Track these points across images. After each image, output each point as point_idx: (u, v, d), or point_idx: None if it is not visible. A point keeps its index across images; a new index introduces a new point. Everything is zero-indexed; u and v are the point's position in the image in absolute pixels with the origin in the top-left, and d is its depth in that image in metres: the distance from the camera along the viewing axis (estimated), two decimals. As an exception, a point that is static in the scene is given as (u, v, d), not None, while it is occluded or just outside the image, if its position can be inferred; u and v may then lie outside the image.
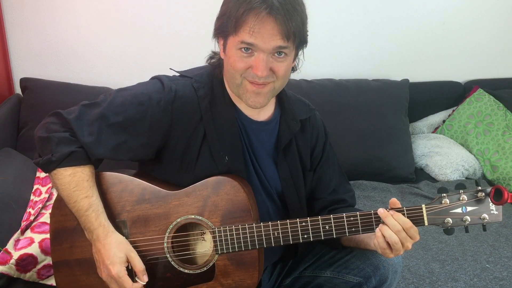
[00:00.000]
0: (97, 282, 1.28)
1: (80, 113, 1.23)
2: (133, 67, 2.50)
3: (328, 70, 2.69)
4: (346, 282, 1.38)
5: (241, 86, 1.22)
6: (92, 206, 1.21)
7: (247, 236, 1.23)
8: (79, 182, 1.21)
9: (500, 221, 1.20)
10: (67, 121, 1.22)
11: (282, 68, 1.20)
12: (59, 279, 1.33)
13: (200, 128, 1.26)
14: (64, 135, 1.21)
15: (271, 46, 1.15)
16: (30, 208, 1.80)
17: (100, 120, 1.22)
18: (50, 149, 1.21)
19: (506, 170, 2.46)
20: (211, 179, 1.26)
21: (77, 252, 1.30)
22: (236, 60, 1.18)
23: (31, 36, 2.39)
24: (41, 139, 1.23)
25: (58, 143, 1.21)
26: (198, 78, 1.28)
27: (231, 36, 1.17)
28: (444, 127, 2.76)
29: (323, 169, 1.43)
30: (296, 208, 1.37)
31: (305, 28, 1.24)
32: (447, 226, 1.21)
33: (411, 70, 2.78)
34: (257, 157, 1.33)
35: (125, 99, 1.24)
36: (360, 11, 2.67)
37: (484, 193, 1.19)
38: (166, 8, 2.43)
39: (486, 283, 1.72)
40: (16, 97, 2.33)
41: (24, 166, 2.03)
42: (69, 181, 1.21)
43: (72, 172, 1.21)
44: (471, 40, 2.83)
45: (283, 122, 1.34)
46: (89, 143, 1.21)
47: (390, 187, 2.38)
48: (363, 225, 1.21)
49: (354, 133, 2.49)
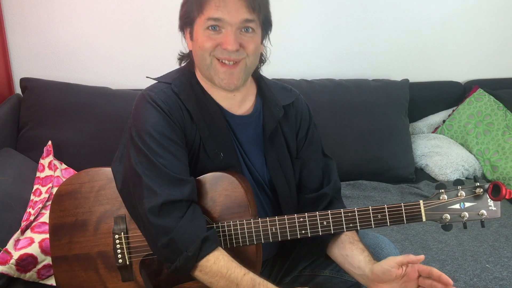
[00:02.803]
0: (95, 278, 1.29)
1: (149, 193, 1.17)
2: (133, 67, 2.50)
3: (328, 70, 2.69)
4: (345, 281, 1.38)
5: (211, 66, 1.22)
6: (255, 280, 1.15)
7: (245, 231, 1.23)
8: (227, 264, 1.16)
9: (499, 217, 1.20)
10: (158, 204, 1.16)
11: (251, 44, 1.21)
12: (58, 274, 1.34)
13: (194, 129, 1.26)
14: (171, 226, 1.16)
15: (238, 19, 1.17)
16: (30, 208, 1.80)
17: (158, 173, 1.18)
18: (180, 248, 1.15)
19: (506, 170, 2.46)
20: (209, 175, 1.26)
21: (76, 247, 1.31)
22: (204, 40, 1.20)
23: (31, 36, 2.39)
24: (163, 245, 1.17)
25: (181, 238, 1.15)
26: (176, 82, 1.28)
27: (197, 17, 1.19)
28: (444, 127, 2.76)
29: (308, 154, 1.40)
30: (286, 197, 1.36)
31: (269, 7, 1.25)
32: (445, 222, 1.21)
33: (411, 70, 2.78)
34: (245, 150, 1.33)
35: (152, 139, 1.20)
36: (360, 11, 2.66)
37: (482, 189, 1.19)
38: (166, 8, 2.43)
39: (486, 283, 1.72)
40: (16, 97, 2.33)
41: (24, 166, 2.03)
42: (218, 269, 1.15)
43: (214, 259, 1.16)
44: (471, 40, 2.83)
45: (266, 111, 1.33)
46: (177, 190, 1.17)
47: (390, 187, 2.38)
48: (361, 220, 1.22)
49: (354, 133, 2.49)
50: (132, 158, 1.21)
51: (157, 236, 1.17)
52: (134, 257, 1.30)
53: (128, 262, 1.27)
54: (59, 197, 1.32)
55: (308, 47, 2.65)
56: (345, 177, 2.37)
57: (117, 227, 1.29)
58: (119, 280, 1.31)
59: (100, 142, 2.22)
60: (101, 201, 1.32)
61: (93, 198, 1.32)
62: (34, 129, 2.23)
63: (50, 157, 2.03)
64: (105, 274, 1.32)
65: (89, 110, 2.26)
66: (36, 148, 2.14)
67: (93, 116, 2.26)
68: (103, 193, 1.31)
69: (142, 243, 1.27)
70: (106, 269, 1.31)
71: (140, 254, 1.29)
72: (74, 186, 1.34)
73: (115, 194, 1.29)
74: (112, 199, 1.29)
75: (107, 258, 1.31)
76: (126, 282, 1.31)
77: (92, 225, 1.32)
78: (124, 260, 1.29)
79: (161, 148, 1.19)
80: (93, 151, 2.21)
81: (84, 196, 1.33)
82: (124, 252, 1.29)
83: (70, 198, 1.33)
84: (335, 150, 1.49)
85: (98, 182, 1.29)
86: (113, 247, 1.30)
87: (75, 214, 1.32)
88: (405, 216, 1.21)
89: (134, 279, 1.30)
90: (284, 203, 1.36)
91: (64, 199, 1.33)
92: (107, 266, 1.31)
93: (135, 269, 1.30)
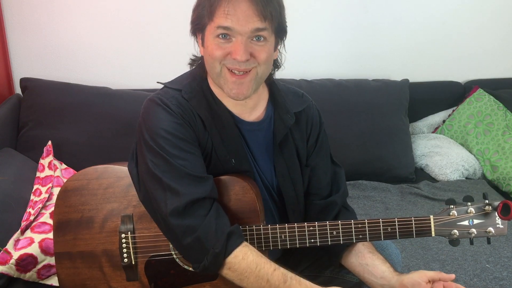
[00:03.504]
0: (99, 275, 1.29)
1: (172, 195, 1.16)
2: (133, 67, 2.50)
3: (328, 70, 2.69)
4: (346, 281, 1.38)
5: (221, 75, 1.19)
6: (286, 275, 1.13)
7: (254, 237, 1.22)
8: (256, 259, 1.14)
9: (505, 234, 1.20)
10: (182, 205, 1.15)
11: (262, 53, 1.16)
12: (61, 270, 1.33)
13: (206, 135, 1.25)
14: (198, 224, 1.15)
15: (248, 28, 1.13)
16: (30, 208, 1.79)
17: (178, 174, 1.17)
18: (207, 246, 1.14)
19: (506, 170, 2.46)
20: (220, 178, 1.25)
21: (81, 244, 1.31)
22: (214, 48, 1.16)
23: (31, 36, 2.39)
24: (189, 245, 1.16)
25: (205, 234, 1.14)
26: (187, 89, 1.26)
27: (208, 25, 1.16)
28: (444, 127, 2.76)
29: (317, 161, 1.39)
30: (293, 204, 1.35)
31: (283, 14, 1.20)
32: (453, 238, 1.22)
33: (411, 70, 2.78)
34: (254, 156, 1.32)
35: (167, 141, 1.19)
36: (361, 11, 2.67)
37: (491, 207, 1.19)
38: (166, 8, 2.43)
39: (486, 283, 1.72)
40: (16, 97, 2.33)
41: (24, 166, 2.03)
42: (247, 265, 1.14)
43: (243, 255, 1.15)
44: (471, 40, 2.83)
45: (277, 118, 1.31)
46: (200, 188, 1.17)
47: (390, 187, 2.38)
48: (370, 232, 1.22)
49: (354, 133, 2.49)
50: (149, 162, 1.19)
51: (182, 236, 1.15)
52: (140, 257, 1.30)
53: (133, 262, 1.27)
54: (65, 192, 1.31)
55: (308, 47, 2.65)
56: (345, 177, 2.36)
57: (124, 227, 1.29)
58: (124, 279, 1.31)
59: (100, 142, 2.22)
60: (108, 199, 1.31)
61: (100, 196, 1.32)
62: (34, 129, 2.23)
63: (50, 157, 2.03)
64: (109, 272, 1.31)
65: (89, 110, 2.26)
66: (36, 148, 2.14)
67: (93, 116, 2.26)
68: (111, 191, 1.30)
69: (149, 243, 1.27)
70: (111, 268, 1.31)
71: (146, 255, 1.29)
72: (81, 182, 1.33)
73: (123, 192, 1.29)
74: (120, 197, 1.29)
75: (112, 256, 1.31)
76: (131, 282, 1.31)
77: (98, 223, 1.31)
78: (129, 260, 1.29)
79: (177, 149, 1.18)
80: (93, 151, 2.21)
81: (91, 193, 1.32)
82: (130, 251, 1.29)
83: (76, 195, 1.33)
84: (335, 150, 1.49)
85: (107, 179, 1.29)
86: (119, 246, 1.29)
87: (81, 210, 1.32)
88: (415, 230, 1.21)
89: (138, 279, 1.30)
90: (291, 210, 1.35)
91: (70, 195, 1.33)
92: (112, 264, 1.31)
93: (140, 269, 1.30)
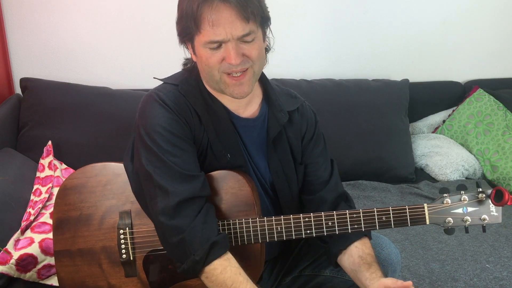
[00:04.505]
0: (98, 272, 1.30)
1: (162, 193, 1.18)
2: (133, 67, 2.50)
3: (328, 70, 2.69)
4: (345, 281, 1.39)
5: (221, 81, 1.22)
6: None
7: (250, 230, 1.24)
8: (233, 277, 1.15)
9: (500, 222, 1.22)
10: (172, 205, 1.17)
11: (254, 51, 1.20)
12: (60, 268, 1.34)
13: (202, 130, 1.27)
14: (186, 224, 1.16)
15: (236, 34, 1.15)
16: (30, 208, 1.80)
17: (169, 171, 1.19)
18: (190, 249, 1.16)
19: (506, 170, 2.46)
20: (215, 173, 1.27)
21: (80, 242, 1.32)
22: (208, 57, 1.19)
23: (31, 36, 2.39)
24: (174, 245, 1.18)
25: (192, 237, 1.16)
26: (183, 84, 1.28)
27: (196, 35, 1.18)
28: (444, 127, 2.76)
29: (313, 157, 1.40)
30: (288, 200, 1.37)
31: (263, 5, 1.22)
32: (448, 226, 1.23)
33: (411, 70, 2.78)
34: (249, 152, 1.33)
35: (161, 137, 1.20)
36: (360, 11, 2.67)
37: (485, 194, 1.21)
38: (166, 8, 2.42)
39: (486, 283, 1.72)
40: (16, 97, 2.33)
41: (24, 166, 2.03)
42: (223, 280, 1.15)
43: (222, 269, 1.16)
44: (471, 40, 2.83)
45: (271, 116, 1.33)
46: (190, 186, 1.18)
47: (390, 187, 2.38)
48: (365, 222, 1.23)
49: (354, 133, 2.49)
50: (142, 158, 1.21)
51: (169, 234, 1.18)
52: (138, 252, 1.31)
53: (132, 258, 1.28)
54: (64, 191, 1.32)
55: (308, 47, 2.65)
56: (345, 177, 2.37)
57: (122, 222, 1.30)
58: (122, 275, 1.32)
59: (100, 142, 2.22)
60: (107, 196, 1.32)
61: (99, 193, 1.33)
62: (34, 129, 2.23)
63: (50, 157, 2.03)
64: (108, 269, 1.32)
65: (89, 110, 2.27)
66: (36, 148, 2.14)
67: (93, 116, 2.26)
68: (110, 188, 1.31)
69: (147, 238, 1.28)
70: (110, 264, 1.32)
71: (144, 250, 1.30)
72: (80, 180, 1.34)
73: (122, 189, 1.30)
74: (118, 194, 1.30)
75: (111, 253, 1.32)
76: (129, 278, 1.32)
77: (97, 220, 1.32)
78: (128, 256, 1.30)
79: (170, 146, 1.20)
80: (93, 151, 2.21)
81: (90, 191, 1.33)
82: (128, 247, 1.30)
83: (75, 192, 1.34)
84: (335, 150, 1.49)
85: (105, 176, 1.30)
86: (118, 242, 1.30)
87: (80, 208, 1.33)
88: (409, 218, 1.23)
89: (137, 274, 1.31)
90: (286, 206, 1.37)
91: (69, 193, 1.34)
92: (111, 261, 1.32)
93: (139, 265, 1.30)
